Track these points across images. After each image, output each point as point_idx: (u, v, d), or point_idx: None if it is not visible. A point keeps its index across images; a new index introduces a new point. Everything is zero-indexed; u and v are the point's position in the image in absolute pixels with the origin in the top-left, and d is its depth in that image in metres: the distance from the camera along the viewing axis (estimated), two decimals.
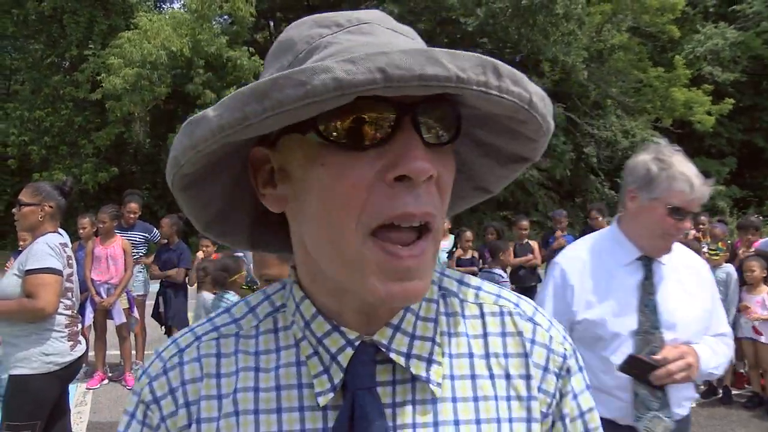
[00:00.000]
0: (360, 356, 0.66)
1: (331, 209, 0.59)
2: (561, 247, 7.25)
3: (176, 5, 16.98)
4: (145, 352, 6.69)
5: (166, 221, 6.73)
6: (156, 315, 6.64)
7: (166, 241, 6.75)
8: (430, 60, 0.51)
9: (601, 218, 7.64)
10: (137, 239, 6.75)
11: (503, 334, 0.72)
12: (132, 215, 6.82)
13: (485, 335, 0.72)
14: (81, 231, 6.30)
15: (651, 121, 23.10)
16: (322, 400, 0.65)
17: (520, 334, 0.73)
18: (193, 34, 16.25)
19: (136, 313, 6.44)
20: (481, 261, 7.67)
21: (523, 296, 0.79)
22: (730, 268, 5.83)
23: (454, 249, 7.73)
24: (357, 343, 0.66)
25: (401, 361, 0.66)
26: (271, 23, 25.08)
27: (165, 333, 6.50)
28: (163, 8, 21.04)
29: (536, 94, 0.59)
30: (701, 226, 7.32)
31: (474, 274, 7.68)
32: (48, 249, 3.14)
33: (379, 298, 0.59)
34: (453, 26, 20.26)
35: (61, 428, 3.47)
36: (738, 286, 5.75)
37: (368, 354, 0.66)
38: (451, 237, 8.08)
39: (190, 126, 0.58)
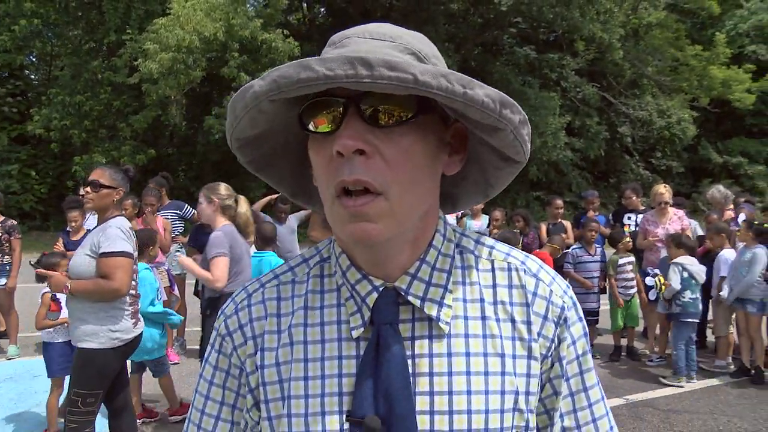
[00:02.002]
0: (383, 298, 0.82)
1: (320, 180, 0.79)
2: (591, 229, 7.32)
3: None
4: (186, 329, 6.93)
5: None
6: (197, 293, 6.82)
7: (200, 222, 6.85)
8: (304, 67, 0.68)
9: (635, 197, 7.58)
10: (170, 217, 6.90)
11: (510, 286, 0.87)
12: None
13: (494, 286, 0.87)
14: (123, 212, 6.47)
15: (688, 101, 22.60)
16: (355, 333, 0.82)
17: (523, 287, 0.86)
18: (227, 18, 16.37)
19: (176, 291, 6.61)
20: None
21: (531, 255, 0.92)
22: (758, 249, 5.81)
23: (488, 228, 7.78)
24: (381, 289, 0.83)
25: (417, 303, 0.82)
26: (305, 5, 25.09)
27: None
28: None
29: (426, 72, 0.67)
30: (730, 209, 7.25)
31: None
32: (121, 233, 3.32)
33: (347, 237, 0.77)
34: (487, 6, 20.05)
35: (123, 398, 3.72)
36: (761, 267, 5.76)
37: (390, 297, 0.83)
38: (485, 217, 8.14)
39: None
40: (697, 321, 5.98)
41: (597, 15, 19.49)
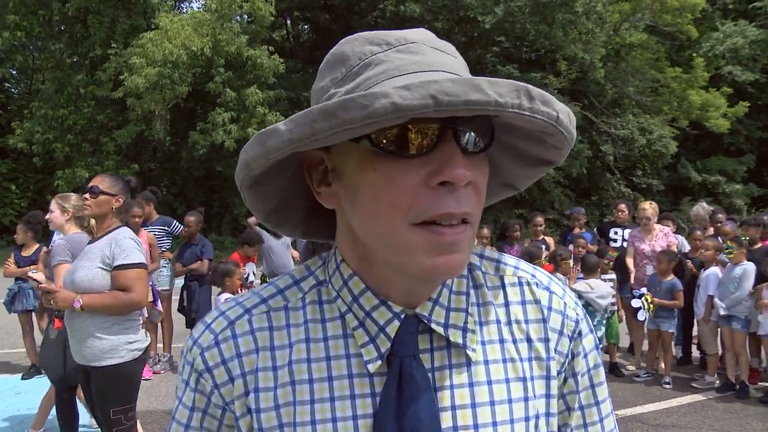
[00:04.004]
0: (406, 327, 0.74)
1: (381, 207, 0.67)
2: (579, 245, 7.39)
3: (195, 5, 17.13)
4: (173, 345, 6.87)
5: (192, 219, 6.79)
6: (181, 309, 6.77)
7: (188, 238, 6.85)
8: (474, 87, 0.58)
9: (627, 212, 7.61)
10: (157, 232, 6.86)
11: (523, 302, 0.81)
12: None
13: (507, 304, 0.81)
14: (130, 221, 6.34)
15: (667, 121, 22.99)
16: (371, 368, 0.73)
17: (537, 302, 0.81)
18: (214, 33, 16.41)
19: (159, 306, 6.51)
20: None
21: (539, 267, 0.87)
22: (748, 265, 5.90)
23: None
24: (402, 316, 0.74)
25: (441, 330, 0.74)
26: (288, 21, 25.22)
27: (187, 326, 6.57)
28: (183, 8, 21.25)
29: (562, 111, 0.66)
30: (718, 225, 7.35)
31: None
32: (135, 244, 3.25)
33: (426, 271, 0.67)
34: (471, 24, 20.28)
35: None
36: (751, 282, 5.85)
37: (412, 325, 0.74)
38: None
39: (262, 137, 0.65)
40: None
41: (579, 35, 19.83)
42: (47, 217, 4.21)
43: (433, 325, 0.74)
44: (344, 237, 0.78)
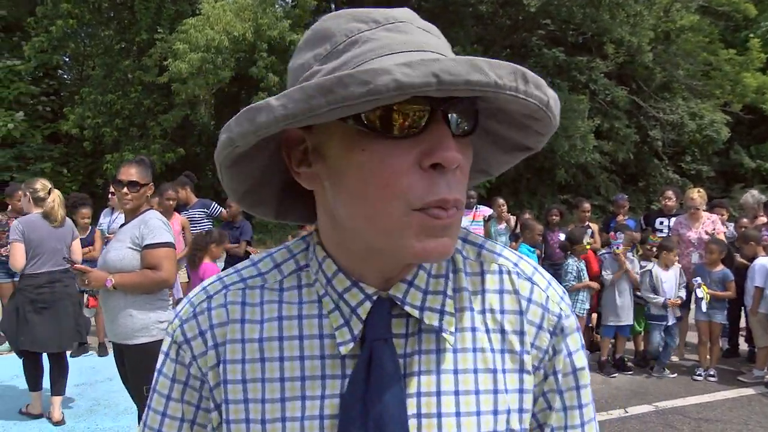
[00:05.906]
0: (378, 309, 0.73)
1: (371, 188, 0.65)
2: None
3: None
4: None
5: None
6: None
7: (230, 219, 6.96)
8: (475, 68, 0.58)
9: (675, 199, 7.31)
10: (197, 216, 6.94)
11: (500, 292, 0.78)
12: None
13: (483, 291, 0.78)
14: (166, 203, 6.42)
15: (719, 106, 22.23)
16: (343, 350, 0.73)
17: (516, 292, 0.79)
18: (255, 18, 16.50)
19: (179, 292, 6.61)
20: (543, 243, 7.60)
21: (524, 256, 0.84)
22: None
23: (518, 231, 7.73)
24: (375, 298, 0.74)
25: (415, 313, 0.73)
26: (333, 5, 25.21)
27: None
28: None
29: (552, 97, 0.67)
30: None
31: (538, 257, 7.61)
32: (163, 225, 3.36)
33: (417, 255, 0.66)
34: (515, 7, 19.93)
35: None
36: None
37: (385, 307, 0.74)
38: (512, 219, 8.09)
39: (251, 112, 0.63)
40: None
41: (627, 18, 19.28)
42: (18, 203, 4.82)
43: (407, 308, 0.73)
44: (324, 218, 0.77)
